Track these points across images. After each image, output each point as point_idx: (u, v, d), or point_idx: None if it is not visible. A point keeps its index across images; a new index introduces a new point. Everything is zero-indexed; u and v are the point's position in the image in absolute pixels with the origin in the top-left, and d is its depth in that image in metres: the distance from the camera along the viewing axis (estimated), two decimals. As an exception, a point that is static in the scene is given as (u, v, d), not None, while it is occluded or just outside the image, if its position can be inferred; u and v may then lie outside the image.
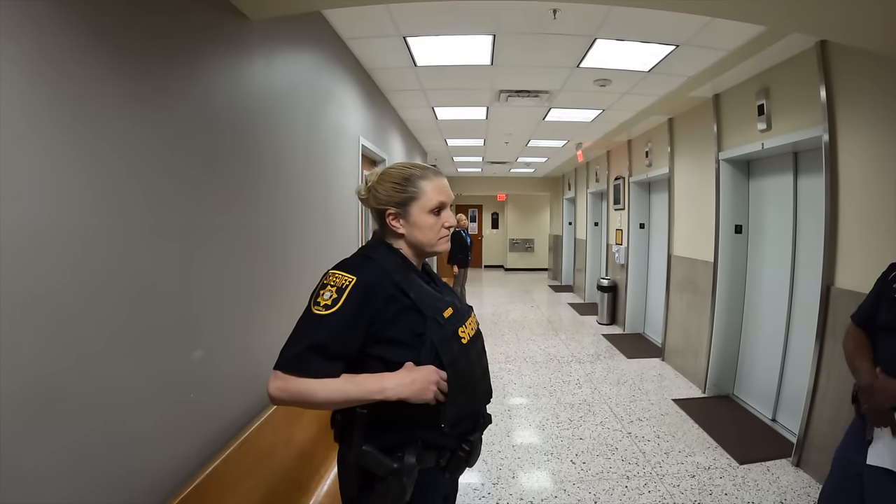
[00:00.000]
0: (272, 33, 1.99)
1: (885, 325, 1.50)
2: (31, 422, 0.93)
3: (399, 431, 1.07)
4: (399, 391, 1.01)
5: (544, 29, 2.72)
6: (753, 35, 2.69)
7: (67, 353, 1.02)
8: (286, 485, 1.79)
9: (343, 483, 1.11)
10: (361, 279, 1.04)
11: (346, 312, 1.01)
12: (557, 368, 4.70)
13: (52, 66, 0.99)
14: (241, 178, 1.77)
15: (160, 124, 1.32)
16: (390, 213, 1.13)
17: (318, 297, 1.04)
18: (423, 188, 1.13)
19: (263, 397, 1.90)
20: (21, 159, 0.92)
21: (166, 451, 1.34)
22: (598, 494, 2.56)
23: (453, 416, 1.07)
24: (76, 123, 1.05)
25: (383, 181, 1.15)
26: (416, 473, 1.05)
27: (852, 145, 2.54)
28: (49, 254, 0.98)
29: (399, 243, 1.16)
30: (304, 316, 1.05)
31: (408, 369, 1.03)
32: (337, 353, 1.01)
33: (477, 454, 1.15)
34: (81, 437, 1.05)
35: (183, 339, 1.44)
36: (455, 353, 1.08)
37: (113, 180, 1.16)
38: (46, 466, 0.96)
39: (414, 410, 1.04)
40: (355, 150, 3.34)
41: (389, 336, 1.05)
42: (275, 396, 1.01)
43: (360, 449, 1.04)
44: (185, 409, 1.43)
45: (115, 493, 1.14)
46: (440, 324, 1.08)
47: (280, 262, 2.12)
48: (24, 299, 0.92)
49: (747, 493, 2.56)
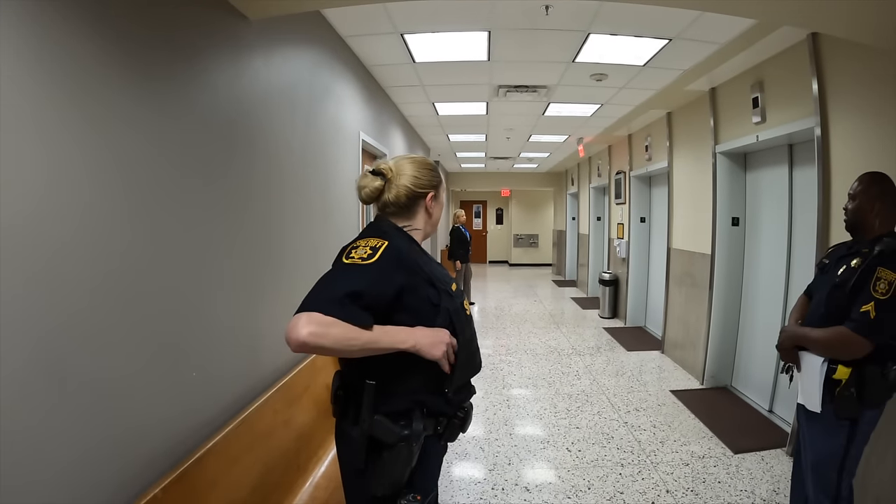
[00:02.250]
0: (271, 32, 2.05)
1: (812, 289, 1.91)
2: (34, 398, 0.99)
3: (404, 398, 1.14)
4: (420, 342, 1.09)
5: (537, 24, 2.77)
6: (745, 28, 2.72)
7: (71, 334, 1.09)
8: (284, 464, 1.87)
9: (345, 457, 1.18)
10: (392, 244, 1.12)
11: (382, 266, 1.07)
12: (557, 360, 4.75)
13: (54, 56, 1.05)
14: (243, 172, 1.85)
15: (162, 120, 1.39)
16: (431, 195, 1.28)
17: (349, 252, 1.11)
18: (441, 175, 1.33)
19: (264, 379, 2.00)
20: (20, 151, 0.98)
21: (168, 426, 1.41)
22: (591, 481, 2.61)
23: (458, 381, 1.16)
24: (77, 115, 1.12)
25: (420, 168, 1.27)
26: (423, 439, 1.12)
27: (844, 136, 2.56)
28: (50, 239, 1.05)
29: (419, 223, 1.28)
30: (333, 269, 1.11)
31: (426, 328, 1.12)
32: (370, 305, 1.04)
33: (469, 421, 1.24)
34: (84, 410, 1.11)
35: (186, 320, 1.51)
36: (464, 322, 1.19)
37: (116, 171, 1.23)
38: (47, 438, 1.02)
39: (421, 377, 1.12)
40: (355, 144, 3.41)
41: (411, 304, 1.12)
42: (306, 341, 0.95)
43: (372, 418, 1.10)
44: (186, 387, 1.50)
45: (115, 461, 1.21)
46: (451, 295, 1.19)
47: (281, 251, 2.19)
48: (27, 280, 0.99)
49: (740, 482, 2.60)
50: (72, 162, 1.10)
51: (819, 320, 1.70)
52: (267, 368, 2.03)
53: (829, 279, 1.72)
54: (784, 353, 1.82)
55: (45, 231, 1.02)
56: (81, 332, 1.11)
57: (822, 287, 1.76)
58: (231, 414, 1.70)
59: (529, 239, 13.93)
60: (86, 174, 1.13)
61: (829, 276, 1.74)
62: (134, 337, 1.28)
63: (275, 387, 1.96)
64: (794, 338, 1.77)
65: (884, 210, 1.68)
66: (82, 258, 1.12)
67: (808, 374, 1.70)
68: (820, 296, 1.76)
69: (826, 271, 1.79)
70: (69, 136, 1.09)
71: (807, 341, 1.71)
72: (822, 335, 1.65)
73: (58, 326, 1.05)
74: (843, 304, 1.62)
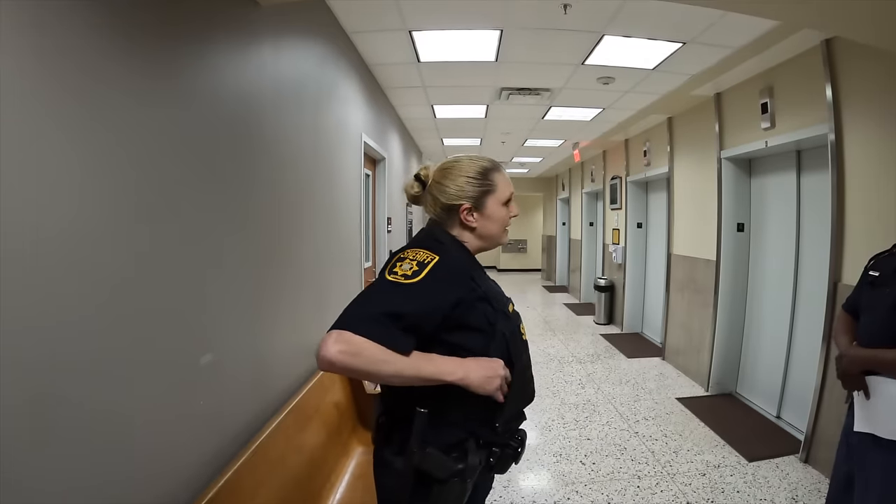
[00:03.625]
0: (280, 20, 1.91)
1: (862, 306, 1.73)
2: (27, 437, 0.84)
3: (457, 429, 1.02)
4: (472, 376, 0.96)
5: (553, 24, 2.69)
6: (762, 32, 2.69)
7: (70, 360, 0.93)
8: (299, 494, 1.72)
9: (386, 490, 1.05)
10: (444, 259, 1.00)
11: (429, 286, 0.95)
12: (558, 369, 4.67)
13: (57, 40, 0.91)
14: (250, 173, 1.70)
15: (171, 115, 1.24)
16: (466, 208, 1.11)
17: (393, 267, 0.98)
18: (496, 181, 1.14)
19: (274, 401, 1.84)
20: (25, 150, 0.84)
21: (176, 463, 1.25)
22: (610, 495, 2.52)
23: (508, 414, 1.04)
24: (82, 107, 0.97)
25: (452, 176, 1.13)
26: (477, 474, 1.01)
27: (858, 142, 2.55)
28: (54, 255, 0.90)
29: (465, 236, 1.13)
30: (374, 285, 0.98)
31: (477, 359, 1.00)
32: (412, 327, 0.93)
33: (524, 450, 1.12)
34: (83, 450, 0.96)
35: (192, 344, 1.35)
36: (520, 348, 1.07)
37: (120, 170, 1.08)
38: (44, 486, 0.87)
39: (474, 407, 1.00)
40: (358, 147, 3.27)
41: (469, 323, 1.01)
42: (334, 361, 0.86)
43: (424, 451, 0.98)
44: (194, 417, 1.35)
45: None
46: (508, 317, 1.07)
47: (287, 262, 2.04)
48: (26, 302, 0.84)
49: (759, 490, 2.55)
50: (58, 159, 0.94)
51: (890, 340, 1.54)
52: (275, 389, 1.88)
53: (888, 294, 1.58)
54: (850, 380, 1.62)
55: (24, 240, 0.86)
56: (73, 358, 0.94)
57: (880, 303, 1.61)
58: (242, 442, 1.54)
59: (518, 244, 13.91)
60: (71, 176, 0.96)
61: (887, 290, 1.60)
62: (132, 363, 1.11)
63: (285, 409, 1.80)
64: (862, 362, 1.58)
65: None
66: (69, 273, 0.96)
67: (886, 399, 1.52)
68: (880, 314, 1.60)
69: (880, 285, 1.65)
70: (60, 131, 0.93)
71: (883, 364, 1.53)
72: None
73: (46, 353, 0.89)
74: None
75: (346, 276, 3.01)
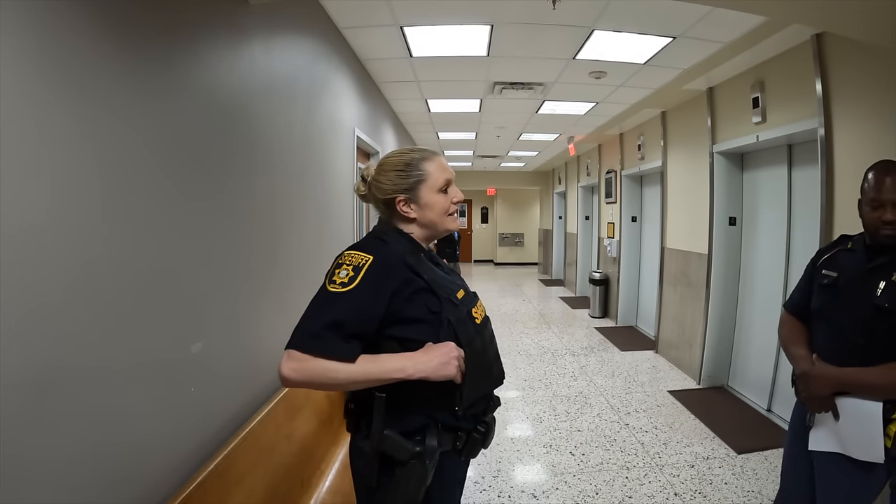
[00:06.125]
0: (270, 18, 1.93)
1: (818, 312, 1.52)
2: (23, 420, 0.87)
3: (417, 414, 1.05)
4: (420, 368, 0.99)
5: (542, 19, 2.70)
6: (751, 27, 2.70)
7: (63, 346, 0.96)
8: (288, 481, 1.75)
9: (359, 474, 1.08)
10: (378, 258, 1.03)
11: (364, 290, 0.99)
12: (552, 361, 4.71)
13: (48, 37, 0.92)
14: (241, 168, 1.72)
15: (162, 111, 1.26)
16: (400, 200, 1.14)
17: (333, 275, 1.02)
18: (427, 169, 1.15)
19: (264, 390, 1.87)
20: (21, 144, 0.86)
21: (167, 448, 1.28)
22: (599, 486, 2.56)
23: (469, 398, 1.06)
24: (74, 104, 0.99)
25: (384, 171, 1.15)
26: (438, 456, 1.04)
27: (847, 137, 2.56)
28: (49, 246, 0.93)
29: (410, 227, 1.16)
30: (318, 295, 1.02)
31: (427, 348, 1.02)
32: (355, 333, 0.98)
33: (492, 435, 1.15)
34: (76, 434, 0.99)
35: (183, 333, 1.38)
36: (471, 333, 1.08)
37: (112, 165, 1.10)
38: (38, 470, 0.90)
39: (431, 392, 1.02)
40: (351, 141, 3.29)
41: (408, 315, 1.04)
42: (288, 377, 0.94)
43: (382, 434, 1.02)
44: (184, 403, 1.38)
45: (113, 492, 1.08)
46: (455, 304, 1.09)
47: (278, 254, 2.06)
48: (23, 292, 0.87)
49: (747, 482, 2.58)
50: (49, 154, 0.96)
51: (859, 353, 1.37)
52: (266, 377, 1.91)
53: (854, 298, 1.41)
54: (817, 402, 1.41)
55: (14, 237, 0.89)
56: (65, 346, 0.98)
57: (846, 310, 1.42)
58: (232, 430, 1.58)
59: (515, 238, 13.93)
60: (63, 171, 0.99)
61: (850, 293, 1.42)
62: (124, 350, 1.14)
63: (276, 397, 1.83)
64: (836, 384, 1.38)
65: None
66: (57, 262, 0.99)
67: (861, 422, 1.35)
68: (847, 322, 1.41)
69: (843, 288, 1.45)
70: (51, 127, 0.95)
71: (859, 387, 1.35)
72: (885, 380, 1.32)
73: (39, 337, 0.92)
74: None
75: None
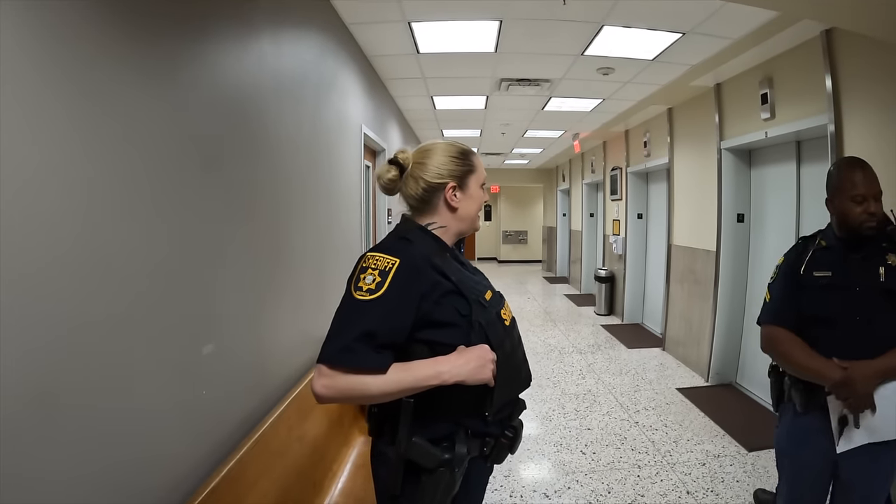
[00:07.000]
0: (277, 13, 1.91)
1: (822, 315, 1.49)
2: (28, 423, 0.84)
3: (446, 421, 1.03)
4: (456, 372, 0.96)
5: (552, 15, 2.67)
6: (761, 23, 2.67)
7: (71, 348, 0.94)
8: (301, 485, 1.74)
9: (381, 480, 1.06)
10: (405, 260, 0.99)
11: (393, 296, 0.96)
12: (559, 359, 4.69)
13: (55, 29, 0.91)
14: (251, 167, 1.70)
15: (172, 107, 1.24)
16: (451, 186, 1.11)
17: (358, 281, 0.98)
18: (475, 162, 1.15)
19: (275, 391, 1.86)
20: (28, 141, 0.85)
21: (178, 454, 1.26)
22: (611, 484, 2.55)
23: (499, 401, 1.04)
24: (84, 100, 0.97)
25: (433, 155, 1.12)
26: (467, 464, 1.02)
27: (858, 133, 2.54)
28: (56, 244, 0.91)
29: (447, 219, 1.12)
30: (344, 303, 0.98)
31: (460, 351, 0.99)
32: (387, 342, 0.95)
33: (520, 440, 1.12)
34: (84, 440, 0.96)
35: (195, 334, 1.37)
36: (501, 336, 1.06)
37: (124, 163, 1.08)
38: (45, 475, 0.88)
39: (462, 398, 1.00)
40: (358, 138, 3.27)
41: (437, 318, 1.01)
42: (322, 395, 0.93)
43: (410, 440, 0.99)
44: (196, 408, 1.36)
45: (124, 498, 1.07)
46: (484, 306, 1.06)
47: (287, 253, 2.04)
48: (28, 289, 0.85)
49: (758, 480, 2.57)
50: (64, 152, 0.94)
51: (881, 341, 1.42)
52: (277, 380, 1.89)
53: (863, 289, 1.45)
54: (863, 400, 1.40)
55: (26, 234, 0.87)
56: (72, 348, 0.95)
57: (856, 301, 1.45)
58: (244, 433, 1.56)
59: (518, 235, 13.90)
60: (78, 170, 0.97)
61: (856, 286, 1.46)
62: (133, 354, 1.12)
63: (287, 399, 1.82)
64: (879, 376, 1.39)
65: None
66: (83, 265, 0.97)
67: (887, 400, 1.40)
68: (861, 312, 1.45)
69: (844, 287, 1.47)
70: (63, 123, 0.94)
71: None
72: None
73: (56, 339, 0.90)
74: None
75: (347, 266, 3.01)
